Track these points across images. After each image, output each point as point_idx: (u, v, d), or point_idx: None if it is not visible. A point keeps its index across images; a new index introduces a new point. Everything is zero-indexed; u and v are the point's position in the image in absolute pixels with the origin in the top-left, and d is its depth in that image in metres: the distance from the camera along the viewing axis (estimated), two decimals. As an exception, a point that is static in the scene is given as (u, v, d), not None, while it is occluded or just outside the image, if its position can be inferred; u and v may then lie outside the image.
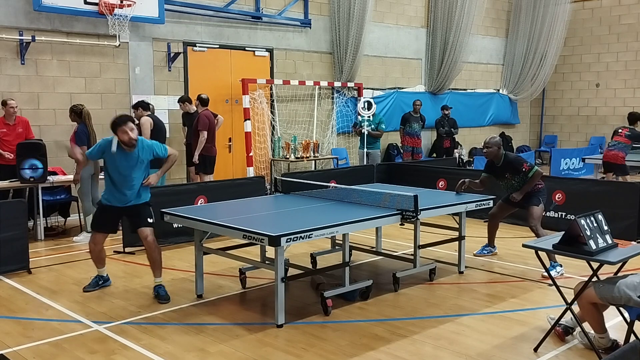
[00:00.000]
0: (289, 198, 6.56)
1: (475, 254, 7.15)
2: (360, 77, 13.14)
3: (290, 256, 6.56)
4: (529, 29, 16.44)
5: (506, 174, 6.63)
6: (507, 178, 6.64)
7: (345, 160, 12.80)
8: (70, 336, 4.75)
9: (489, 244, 7.22)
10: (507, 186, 6.73)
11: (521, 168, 6.52)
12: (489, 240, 7.20)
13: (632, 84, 16.34)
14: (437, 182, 9.87)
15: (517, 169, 6.54)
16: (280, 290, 4.84)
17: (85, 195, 8.02)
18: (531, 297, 5.69)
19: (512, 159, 6.64)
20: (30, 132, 8.60)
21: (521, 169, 6.51)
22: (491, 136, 6.82)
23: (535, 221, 6.48)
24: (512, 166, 6.57)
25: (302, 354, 4.39)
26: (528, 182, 6.51)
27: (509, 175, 6.61)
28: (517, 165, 6.55)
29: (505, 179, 6.67)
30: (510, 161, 6.62)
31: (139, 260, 7.07)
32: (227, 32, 11.20)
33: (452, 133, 13.30)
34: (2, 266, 6.37)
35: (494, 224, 7.10)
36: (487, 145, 6.65)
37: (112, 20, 9.08)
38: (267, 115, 11.79)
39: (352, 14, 12.40)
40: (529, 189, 6.54)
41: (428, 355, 4.37)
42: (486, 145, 6.66)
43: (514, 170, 6.56)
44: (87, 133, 7.91)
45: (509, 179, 6.64)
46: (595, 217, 4.25)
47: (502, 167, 6.65)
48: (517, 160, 6.62)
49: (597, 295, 4.17)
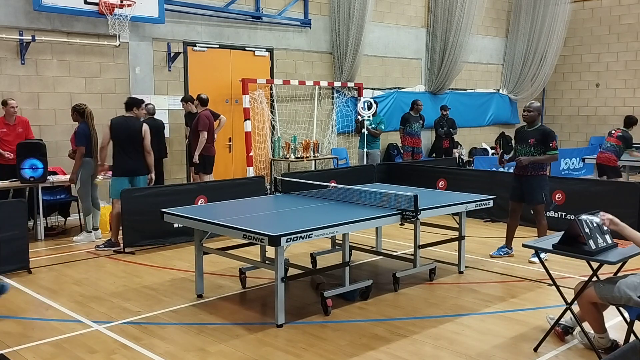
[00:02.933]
0: (289, 198, 6.56)
1: (492, 255, 7.12)
2: (360, 77, 13.14)
3: (290, 256, 6.56)
4: (529, 29, 16.44)
5: (531, 139, 6.65)
6: (529, 144, 6.67)
7: (345, 160, 12.80)
8: (70, 336, 4.75)
9: (506, 245, 7.15)
10: (523, 153, 6.75)
11: (549, 142, 6.60)
12: (507, 240, 7.13)
13: (632, 84, 16.34)
14: (437, 182, 9.87)
15: (547, 140, 6.60)
16: (280, 290, 4.84)
17: (85, 196, 8.02)
18: (531, 297, 5.69)
19: (547, 131, 6.73)
20: (30, 132, 8.60)
21: (549, 142, 6.60)
22: (532, 100, 6.99)
23: (541, 216, 6.81)
24: (544, 135, 6.63)
25: (302, 353, 4.39)
26: (544, 157, 6.64)
27: (533, 141, 6.63)
28: (548, 137, 6.62)
29: (527, 144, 6.69)
30: (545, 130, 6.70)
31: (139, 260, 7.08)
32: (227, 32, 11.20)
33: (450, 133, 13.30)
34: (2, 266, 6.36)
35: (515, 223, 7.06)
36: (528, 109, 6.74)
37: (112, 20, 9.08)
38: (267, 115, 11.79)
39: (352, 14, 12.40)
40: (540, 164, 6.69)
41: (428, 355, 4.38)
42: (527, 109, 6.75)
43: (542, 140, 6.60)
44: (88, 133, 7.90)
45: (531, 145, 6.66)
46: (595, 217, 4.25)
47: (532, 131, 6.71)
48: (551, 133, 6.71)
49: (597, 295, 4.17)
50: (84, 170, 7.93)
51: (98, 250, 7.52)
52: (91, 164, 7.93)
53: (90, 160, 7.91)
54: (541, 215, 6.85)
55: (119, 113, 9.88)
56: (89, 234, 8.01)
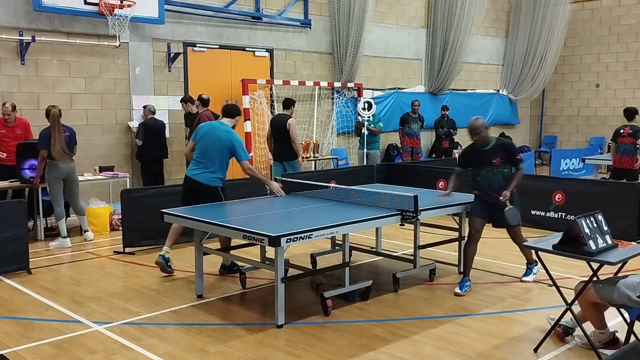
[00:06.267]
0: (289, 198, 6.56)
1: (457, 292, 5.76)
2: (360, 78, 13.14)
3: (290, 256, 6.56)
4: (529, 30, 16.45)
5: (495, 159, 5.70)
6: (494, 164, 5.71)
7: (345, 161, 12.80)
8: (70, 336, 4.74)
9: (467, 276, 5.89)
10: (489, 175, 5.75)
11: (515, 156, 5.75)
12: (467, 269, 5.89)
13: (632, 85, 16.34)
14: (437, 183, 9.87)
15: (512, 155, 5.73)
16: (280, 291, 4.84)
17: (54, 200, 7.82)
18: (531, 297, 5.69)
19: (509, 144, 5.89)
20: (30, 134, 8.53)
21: (515, 156, 5.74)
22: (474, 117, 5.84)
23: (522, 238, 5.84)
24: (508, 151, 5.74)
25: (302, 354, 4.39)
26: (519, 176, 5.73)
27: (500, 161, 5.70)
28: (513, 151, 5.77)
29: (491, 165, 5.71)
30: (507, 145, 5.82)
31: (139, 260, 7.08)
32: (227, 32, 11.20)
33: (450, 134, 13.30)
34: (2, 266, 6.37)
35: (475, 248, 5.87)
36: (476, 131, 5.70)
37: (112, 20, 9.08)
38: (267, 116, 11.77)
39: (352, 14, 12.41)
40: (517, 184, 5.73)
41: (428, 355, 4.37)
42: (475, 131, 5.70)
43: (507, 156, 5.71)
44: (49, 135, 7.59)
45: (496, 165, 5.70)
46: (595, 217, 4.25)
47: (491, 150, 5.74)
48: (513, 146, 5.88)
49: (597, 295, 4.17)
50: (50, 173, 7.69)
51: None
52: (58, 167, 7.67)
53: (57, 163, 7.65)
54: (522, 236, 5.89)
55: (119, 113, 9.98)
56: (64, 240, 7.79)
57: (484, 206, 5.84)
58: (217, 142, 6.18)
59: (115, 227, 8.62)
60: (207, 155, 6.21)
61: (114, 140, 9.97)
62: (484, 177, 5.79)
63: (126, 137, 10.09)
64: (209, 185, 6.17)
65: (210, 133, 6.27)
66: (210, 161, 6.19)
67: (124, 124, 10.04)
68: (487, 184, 5.78)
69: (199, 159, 6.25)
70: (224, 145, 6.17)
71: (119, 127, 10.01)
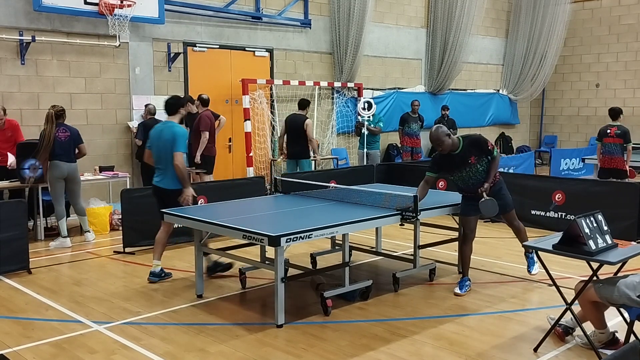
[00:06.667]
0: (289, 198, 6.56)
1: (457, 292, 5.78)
2: (360, 78, 13.14)
3: (290, 256, 6.56)
4: (529, 29, 16.45)
5: (469, 158, 5.65)
6: (471, 163, 5.65)
7: (345, 161, 12.80)
8: (70, 336, 4.75)
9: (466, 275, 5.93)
10: (470, 175, 5.71)
11: (487, 147, 5.67)
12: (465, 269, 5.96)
13: (632, 84, 16.34)
14: (437, 182, 9.87)
15: (484, 148, 5.66)
16: (280, 291, 4.84)
17: (54, 199, 7.85)
18: (531, 297, 5.69)
19: (476, 139, 5.75)
20: (20, 136, 8.41)
21: (487, 147, 5.67)
22: (434, 127, 5.74)
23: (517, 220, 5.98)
24: (479, 146, 5.67)
25: (302, 354, 4.39)
26: (494, 165, 5.68)
27: (475, 158, 5.65)
28: (483, 145, 5.68)
29: (468, 165, 5.66)
30: (475, 141, 5.71)
31: (139, 260, 7.08)
32: (227, 32, 11.20)
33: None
34: (2, 266, 6.37)
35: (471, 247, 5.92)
36: (438, 142, 5.60)
37: (112, 20, 9.08)
38: (267, 116, 11.79)
39: (352, 14, 12.41)
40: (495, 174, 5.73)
41: (428, 355, 4.37)
42: (437, 142, 5.60)
43: (480, 151, 5.65)
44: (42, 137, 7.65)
45: (473, 163, 5.65)
46: (595, 217, 4.25)
47: (463, 152, 5.66)
48: (481, 139, 5.76)
49: (597, 295, 4.17)
50: (51, 172, 7.72)
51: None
52: (59, 166, 7.69)
53: (58, 163, 7.67)
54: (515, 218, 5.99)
55: (119, 113, 9.98)
56: (65, 239, 7.80)
57: (472, 203, 5.77)
58: (164, 143, 6.05)
59: (115, 227, 8.62)
60: (161, 159, 6.11)
61: (114, 140, 9.97)
62: (466, 177, 5.74)
63: (126, 137, 10.09)
64: (171, 189, 6.08)
65: (155, 137, 6.17)
66: (164, 164, 6.08)
67: (124, 124, 10.04)
68: (472, 182, 5.74)
69: (157, 165, 6.19)
70: (168, 144, 6.01)
71: (119, 127, 10.01)
